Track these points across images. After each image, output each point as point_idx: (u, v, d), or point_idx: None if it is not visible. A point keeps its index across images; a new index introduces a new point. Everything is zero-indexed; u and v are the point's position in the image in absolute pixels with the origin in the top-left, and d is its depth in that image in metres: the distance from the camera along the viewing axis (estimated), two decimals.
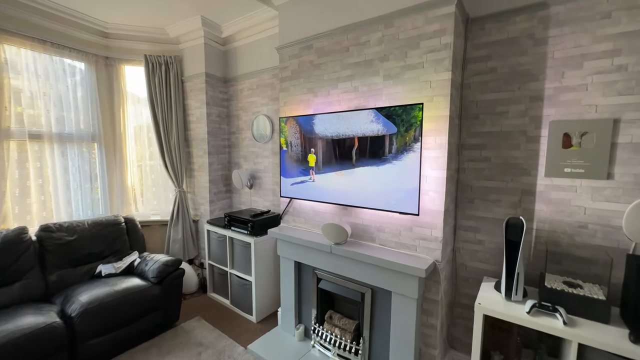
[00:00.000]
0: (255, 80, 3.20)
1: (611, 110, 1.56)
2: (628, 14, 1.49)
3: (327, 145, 2.13)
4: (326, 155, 2.15)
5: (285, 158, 2.42)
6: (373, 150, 1.91)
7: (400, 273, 1.79)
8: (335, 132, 2.07)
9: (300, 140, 2.29)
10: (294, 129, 2.31)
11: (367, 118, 1.89)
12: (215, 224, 3.06)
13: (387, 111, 1.81)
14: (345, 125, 2.00)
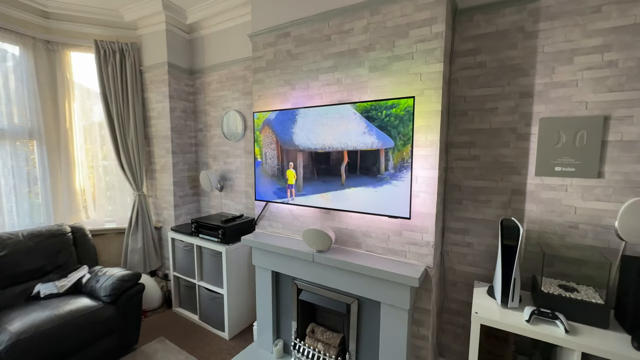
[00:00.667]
0: (225, 72, 2.92)
1: (601, 107, 1.52)
2: (618, 8, 1.46)
3: (310, 159, 1.91)
4: (308, 172, 1.93)
5: (259, 172, 2.18)
6: (366, 167, 1.70)
7: (390, 282, 1.65)
8: (319, 144, 1.85)
9: (277, 152, 2.06)
10: (270, 137, 2.08)
11: (358, 129, 1.69)
12: (180, 231, 2.74)
13: (380, 122, 1.63)
14: (332, 136, 1.79)
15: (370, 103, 1.66)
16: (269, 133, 2.08)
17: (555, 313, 1.35)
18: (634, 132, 1.46)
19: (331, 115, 1.79)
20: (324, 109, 1.82)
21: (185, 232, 2.69)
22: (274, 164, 2.09)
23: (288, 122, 1.98)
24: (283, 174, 2.05)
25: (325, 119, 1.81)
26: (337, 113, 1.77)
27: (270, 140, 2.08)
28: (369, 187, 1.71)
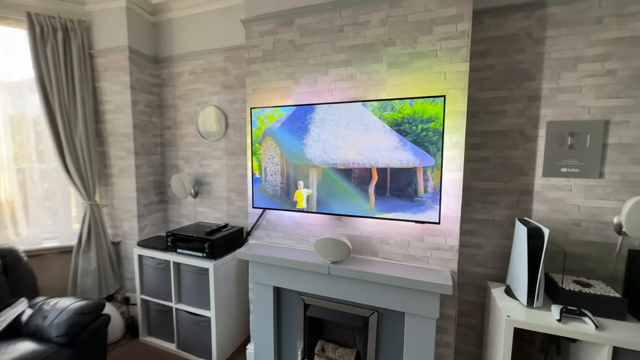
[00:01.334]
0: (200, 62, 2.57)
1: (602, 112, 1.63)
2: (617, 20, 1.57)
3: (327, 178, 1.68)
4: (324, 193, 1.68)
5: (257, 189, 1.91)
6: (399, 187, 1.52)
7: (417, 291, 1.56)
8: (340, 159, 1.61)
9: (282, 167, 1.80)
10: (272, 150, 1.82)
11: (389, 143, 1.51)
12: (150, 246, 2.32)
13: (415, 136, 1.49)
14: (357, 149, 1.57)
15: (397, 111, 1.55)
16: (271, 145, 1.83)
17: (582, 310, 1.40)
18: (630, 135, 1.59)
19: (354, 127, 1.59)
20: (345, 117, 1.62)
21: (158, 248, 2.28)
22: (276, 182, 1.85)
23: (298, 132, 1.74)
24: (289, 194, 1.81)
25: (347, 130, 1.62)
26: (363, 124, 1.57)
27: (273, 153, 1.83)
28: (407, 212, 1.55)
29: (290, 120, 1.77)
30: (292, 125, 1.77)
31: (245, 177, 2.50)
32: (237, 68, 2.44)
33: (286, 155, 1.77)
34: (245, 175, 2.50)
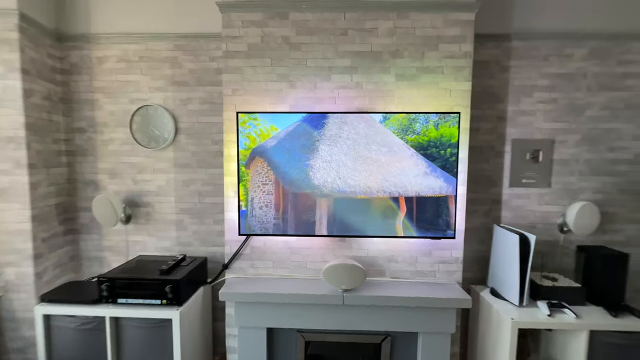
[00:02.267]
0: (136, 47, 1.98)
1: (549, 133, 1.97)
2: (558, 59, 1.93)
3: (341, 211, 1.42)
4: (337, 229, 1.44)
5: (243, 225, 1.55)
6: (427, 219, 1.39)
7: (433, 308, 1.53)
8: (360, 186, 1.37)
9: (276, 197, 1.48)
10: (263, 175, 1.49)
11: (417, 168, 1.38)
12: (65, 299, 1.62)
13: (443, 161, 1.42)
14: (382, 175, 1.37)
15: (422, 134, 1.50)
16: (261, 168, 1.49)
17: (562, 302, 1.63)
18: (567, 152, 1.97)
19: (376, 148, 1.41)
20: (363, 136, 1.43)
21: (82, 300, 1.61)
22: (268, 217, 1.52)
23: (301, 150, 1.45)
24: (285, 232, 1.53)
25: (368, 152, 1.42)
26: (385, 145, 1.41)
27: (264, 179, 1.50)
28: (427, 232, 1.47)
29: (291, 137, 1.50)
30: (293, 142, 1.50)
31: (202, 195, 2.03)
32: (193, 61, 1.98)
33: (283, 181, 1.45)
34: (201, 193, 2.03)
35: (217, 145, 2.02)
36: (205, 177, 2.04)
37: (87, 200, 2.07)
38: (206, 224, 2.06)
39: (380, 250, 1.68)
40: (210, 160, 2.03)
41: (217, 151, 2.02)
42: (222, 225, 2.03)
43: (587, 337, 1.54)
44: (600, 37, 1.89)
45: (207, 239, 2.07)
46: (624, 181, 1.97)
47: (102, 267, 2.11)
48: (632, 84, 1.92)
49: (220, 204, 2.04)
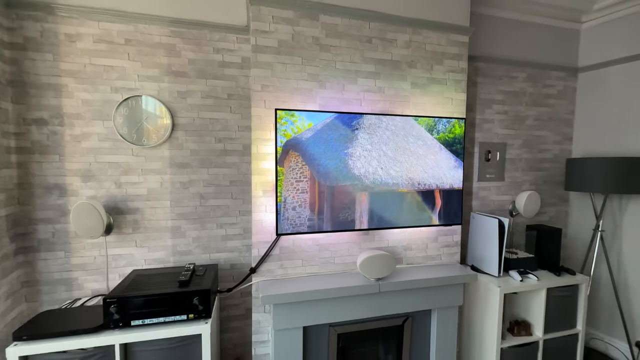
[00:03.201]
0: (122, 28, 1.71)
1: (503, 138, 2.48)
2: (509, 80, 2.45)
3: (378, 203, 1.47)
4: (376, 224, 1.50)
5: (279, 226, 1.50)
6: (453, 212, 1.57)
7: (445, 286, 1.78)
8: (403, 178, 1.44)
9: (312, 194, 1.45)
10: (297, 170, 1.46)
11: (448, 162, 1.54)
12: (53, 333, 1.30)
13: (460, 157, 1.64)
14: (422, 168, 1.45)
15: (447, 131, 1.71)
16: (295, 163, 1.47)
17: (527, 270, 2.08)
18: (514, 153, 2.51)
19: (412, 140, 1.53)
20: (401, 128, 1.55)
21: (78, 330, 1.31)
22: (302, 216, 1.51)
23: (339, 141, 1.48)
24: (321, 229, 1.55)
25: (406, 143, 1.55)
26: (420, 139, 1.55)
27: (299, 174, 1.47)
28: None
29: (329, 128, 1.55)
30: (330, 133, 1.55)
31: (203, 197, 1.87)
32: (196, 51, 1.81)
33: (319, 174, 1.46)
34: (203, 195, 1.87)
35: (221, 143, 1.89)
36: (208, 178, 1.88)
37: (48, 209, 1.67)
38: (208, 228, 1.90)
39: (398, 240, 1.85)
40: (213, 159, 1.88)
41: (221, 149, 1.89)
42: (226, 229, 1.92)
43: (545, 294, 2.02)
44: (533, 66, 2.48)
45: (209, 245, 1.91)
46: (547, 175, 2.62)
47: (70, 291, 1.72)
48: (553, 102, 2.57)
49: (224, 207, 1.91)
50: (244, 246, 1.97)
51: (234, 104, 1.89)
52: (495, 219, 2.03)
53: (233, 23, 1.84)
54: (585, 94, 2.58)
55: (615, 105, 2.40)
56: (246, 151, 1.93)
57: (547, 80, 2.54)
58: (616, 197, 2.42)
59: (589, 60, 2.55)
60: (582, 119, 2.61)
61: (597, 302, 2.50)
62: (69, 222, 1.69)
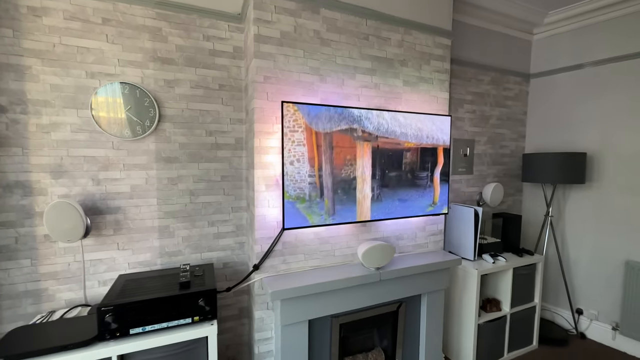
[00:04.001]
0: (98, 5, 1.53)
1: (472, 135, 2.73)
2: (476, 82, 2.69)
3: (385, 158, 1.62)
4: (381, 182, 1.65)
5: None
6: (446, 172, 1.87)
7: (434, 271, 1.92)
8: (410, 126, 1.71)
9: (310, 147, 1.53)
10: (293, 122, 1.50)
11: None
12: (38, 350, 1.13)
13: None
14: (423, 124, 1.72)
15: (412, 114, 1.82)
16: (291, 115, 1.49)
17: (496, 253, 2.33)
18: (481, 149, 2.78)
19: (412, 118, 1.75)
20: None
21: (67, 345, 1.16)
22: (302, 172, 1.54)
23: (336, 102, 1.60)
24: (322, 194, 1.59)
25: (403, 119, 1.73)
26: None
27: (294, 124, 1.50)
28: (427, 212, 1.86)
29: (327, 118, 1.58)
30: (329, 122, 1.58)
31: (194, 194, 1.77)
32: (184, 37, 1.68)
33: (311, 121, 1.49)
34: (193, 192, 1.77)
35: (213, 137, 1.80)
36: (198, 173, 1.78)
37: (9, 210, 1.44)
38: (199, 227, 1.80)
39: (391, 231, 1.94)
40: (204, 153, 1.78)
41: (212, 143, 1.80)
42: (218, 227, 1.84)
43: (512, 273, 2.29)
44: (496, 70, 2.76)
45: (200, 244, 1.81)
46: (507, 168, 2.94)
47: (39, 304, 1.51)
48: (510, 104, 2.89)
49: (216, 204, 1.83)
50: (237, 244, 1.90)
51: (225, 95, 1.81)
52: (471, 209, 2.23)
53: (225, 10, 1.75)
54: (536, 97, 2.95)
55: (560, 107, 2.79)
56: (238, 145, 1.86)
57: (506, 84, 2.84)
58: (561, 187, 2.81)
59: (539, 68, 2.91)
60: (534, 119, 2.98)
61: (547, 278, 2.89)
62: (35, 225, 1.48)
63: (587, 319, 2.64)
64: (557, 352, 2.44)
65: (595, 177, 2.59)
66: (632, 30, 2.35)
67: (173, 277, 1.51)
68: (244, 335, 1.95)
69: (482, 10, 2.52)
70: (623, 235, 2.44)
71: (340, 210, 1.65)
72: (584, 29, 2.61)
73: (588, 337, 2.63)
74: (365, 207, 1.71)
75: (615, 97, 2.46)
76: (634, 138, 2.37)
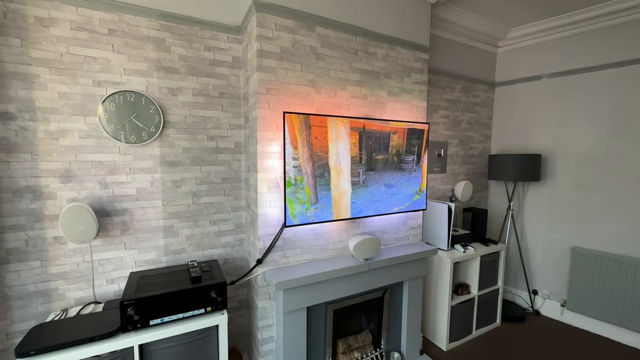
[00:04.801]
0: (105, 16, 1.60)
1: (445, 137, 3.02)
2: (449, 90, 2.98)
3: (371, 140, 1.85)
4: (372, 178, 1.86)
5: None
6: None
7: (414, 261, 2.18)
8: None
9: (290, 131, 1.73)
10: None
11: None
12: (64, 343, 1.23)
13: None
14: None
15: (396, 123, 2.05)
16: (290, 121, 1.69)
17: (466, 243, 2.64)
18: (453, 150, 3.08)
19: None
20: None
21: (92, 337, 1.27)
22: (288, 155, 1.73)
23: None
24: (323, 174, 1.79)
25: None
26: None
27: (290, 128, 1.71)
28: (410, 206, 2.10)
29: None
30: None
31: (196, 195, 1.89)
32: (186, 47, 1.78)
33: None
34: (196, 193, 1.89)
35: (214, 142, 1.92)
36: (200, 176, 1.90)
37: (19, 215, 1.49)
38: (201, 226, 1.92)
39: (377, 226, 2.16)
40: (205, 157, 1.90)
41: (213, 147, 1.92)
42: (219, 226, 1.97)
43: (479, 261, 2.61)
44: (466, 79, 3.06)
45: (203, 242, 1.93)
46: (475, 167, 3.28)
47: (49, 303, 1.58)
48: (478, 109, 3.21)
49: (217, 204, 1.96)
50: (237, 241, 2.04)
51: (225, 102, 1.93)
52: (445, 204, 2.52)
53: (224, 22, 1.87)
54: (500, 104, 3.30)
55: (520, 113, 3.15)
56: (237, 149, 2.00)
57: (475, 91, 3.16)
58: (520, 184, 3.19)
59: (503, 77, 3.26)
60: (498, 123, 3.33)
61: (508, 264, 3.28)
62: (45, 228, 1.54)
63: (541, 298, 3.05)
64: (516, 327, 2.82)
65: (549, 176, 2.98)
66: (580, 49, 2.73)
67: (182, 273, 1.64)
68: (243, 326, 2.10)
69: (455, 25, 2.79)
70: (570, 226, 2.84)
71: (323, 198, 1.82)
72: (541, 45, 2.97)
73: (542, 314, 3.04)
74: (346, 194, 1.92)
75: (565, 106, 2.85)
76: (580, 142, 2.76)
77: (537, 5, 2.55)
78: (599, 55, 2.62)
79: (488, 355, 2.41)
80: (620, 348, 2.50)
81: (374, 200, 1.99)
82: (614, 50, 2.54)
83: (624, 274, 2.52)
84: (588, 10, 2.57)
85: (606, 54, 2.58)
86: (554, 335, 2.70)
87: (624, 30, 2.48)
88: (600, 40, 2.61)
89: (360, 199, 1.94)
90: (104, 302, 1.65)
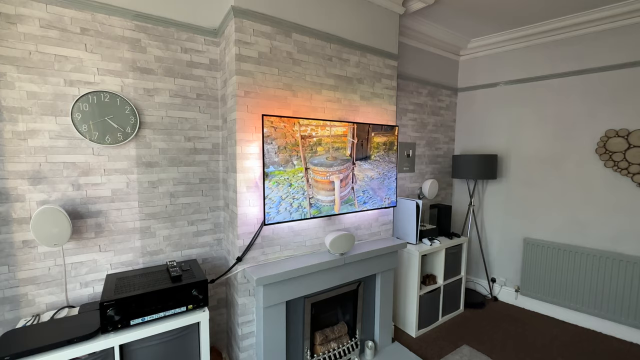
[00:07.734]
0: (77, 15, 1.57)
1: (414, 139, 3.22)
2: (417, 94, 3.19)
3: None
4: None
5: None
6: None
7: (386, 254, 2.33)
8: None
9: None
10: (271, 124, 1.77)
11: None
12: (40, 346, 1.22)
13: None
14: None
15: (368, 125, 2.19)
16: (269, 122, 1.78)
17: (432, 237, 2.86)
18: (420, 151, 3.30)
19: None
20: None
21: (70, 340, 1.26)
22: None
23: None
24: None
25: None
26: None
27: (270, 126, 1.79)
28: (378, 203, 2.25)
29: None
30: None
31: (173, 196, 1.90)
32: (163, 49, 1.79)
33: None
34: (173, 194, 1.90)
35: (191, 142, 1.94)
36: (178, 176, 1.91)
37: None
38: (179, 226, 1.93)
39: (351, 222, 2.29)
40: (183, 157, 1.92)
41: (190, 148, 1.94)
42: (197, 226, 2.00)
43: (444, 253, 2.83)
44: (432, 84, 3.29)
45: (181, 242, 1.94)
46: (441, 167, 3.53)
47: (18, 309, 1.53)
48: (443, 113, 3.46)
49: (195, 204, 1.98)
50: (215, 240, 2.07)
51: (202, 103, 1.95)
52: (413, 201, 2.70)
53: (201, 25, 1.89)
54: (462, 107, 3.58)
55: (479, 117, 3.44)
56: (215, 149, 2.03)
57: (440, 96, 3.40)
58: (480, 181, 3.48)
59: (464, 84, 3.54)
60: (460, 125, 3.61)
61: (470, 255, 3.56)
62: (13, 232, 1.49)
63: (498, 286, 3.35)
64: (477, 313, 3.08)
65: (504, 174, 3.28)
66: (530, 60, 3.04)
67: (161, 272, 1.65)
68: (222, 324, 2.13)
69: (421, 34, 2.99)
70: (522, 219, 3.16)
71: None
72: (497, 55, 3.27)
73: (499, 299, 3.35)
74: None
75: (518, 111, 3.16)
76: (529, 143, 3.08)
77: (493, 19, 2.82)
78: (546, 66, 2.95)
79: (453, 339, 2.63)
80: (567, 326, 2.83)
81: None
82: (557, 62, 2.87)
83: (568, 261, 2.85)
84: (536, 26, 2.88)
85: (551, 65, 2.91)
86: (510, 317, 2.99)
87: (567, 44, 2.81)
88: (546, 53, 2.94)
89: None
90: (78, 306, 1.62)
